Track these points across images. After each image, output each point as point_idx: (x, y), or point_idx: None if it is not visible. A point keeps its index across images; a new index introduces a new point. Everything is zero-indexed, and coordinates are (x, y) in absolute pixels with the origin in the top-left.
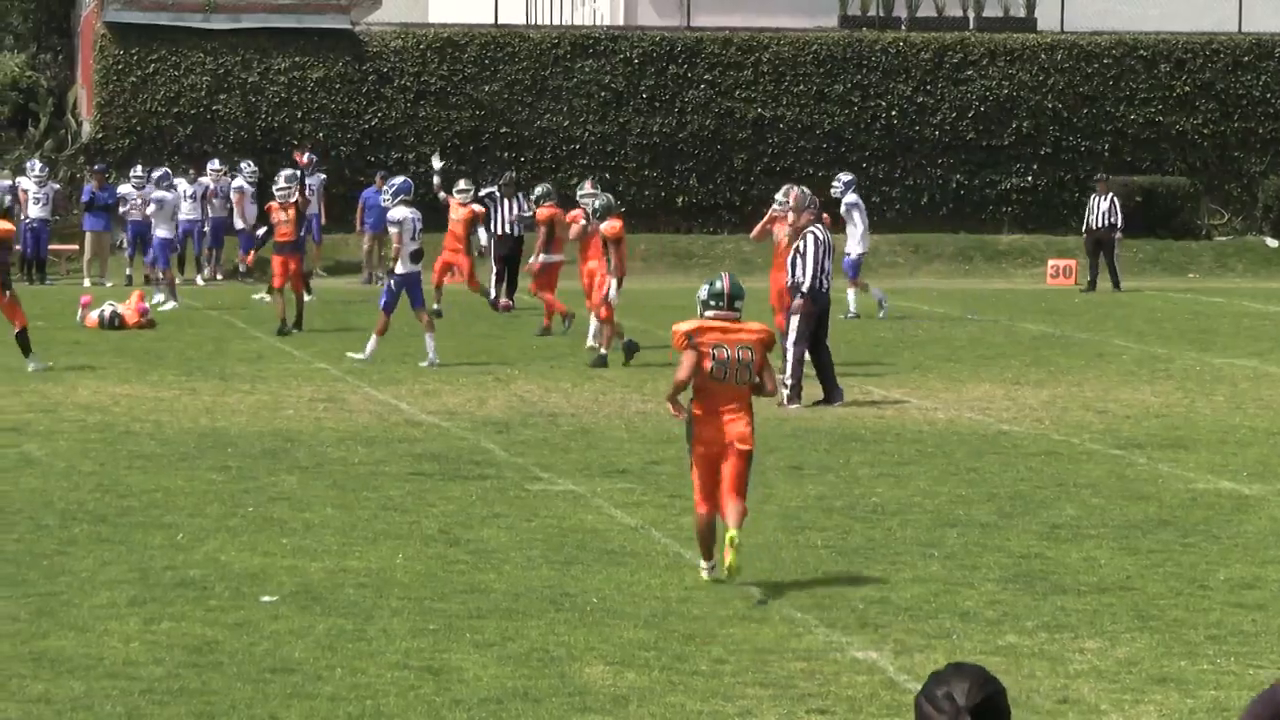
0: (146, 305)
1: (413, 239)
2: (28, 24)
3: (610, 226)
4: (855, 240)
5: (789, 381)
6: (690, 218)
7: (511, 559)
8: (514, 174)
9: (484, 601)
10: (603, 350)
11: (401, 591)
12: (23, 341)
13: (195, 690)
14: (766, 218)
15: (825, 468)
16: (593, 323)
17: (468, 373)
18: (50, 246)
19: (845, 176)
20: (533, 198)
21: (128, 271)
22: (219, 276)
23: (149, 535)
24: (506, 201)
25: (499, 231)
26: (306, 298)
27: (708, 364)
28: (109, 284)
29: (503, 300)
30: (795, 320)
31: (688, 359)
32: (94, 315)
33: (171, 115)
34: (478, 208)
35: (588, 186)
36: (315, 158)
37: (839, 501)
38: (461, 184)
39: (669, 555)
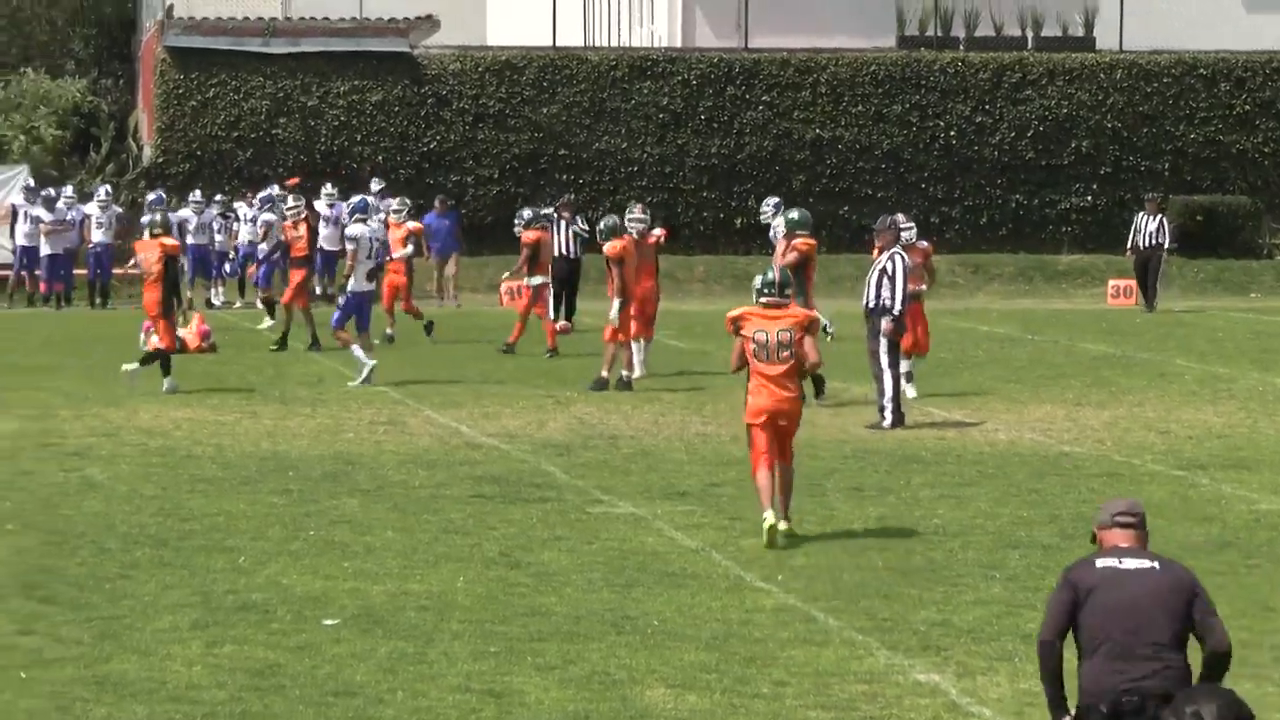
0: (208, 328)
1: (369, 257)
2: (89, 49)
3: (611, 247)
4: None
5: (887, 404)
6: (749, 239)
7: (572, 581)
8: (572, 196)
9: (545, 624)
10: (603, 373)
11: (463, 614)
12: (157, 359)
13: (257, 714)
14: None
15: (886, 489)
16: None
17: (528, 395)
18: (113, 270)
19: (773, 199)
20: (521, 220)
21: (188, 295)
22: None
23: (211, 559)
24: (564, 224)
25: (556, 253)
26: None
27: (749, 346)
28: None
29: (560, 323)
30: (885, 344)
31: (736, 345)
32: (156, 339)
33: (232, 139)
34: (413, 225)
35: (637, 211)
36: (383, 183)
37: (900, 523)
38: (394, 204)
39: (730, 578)
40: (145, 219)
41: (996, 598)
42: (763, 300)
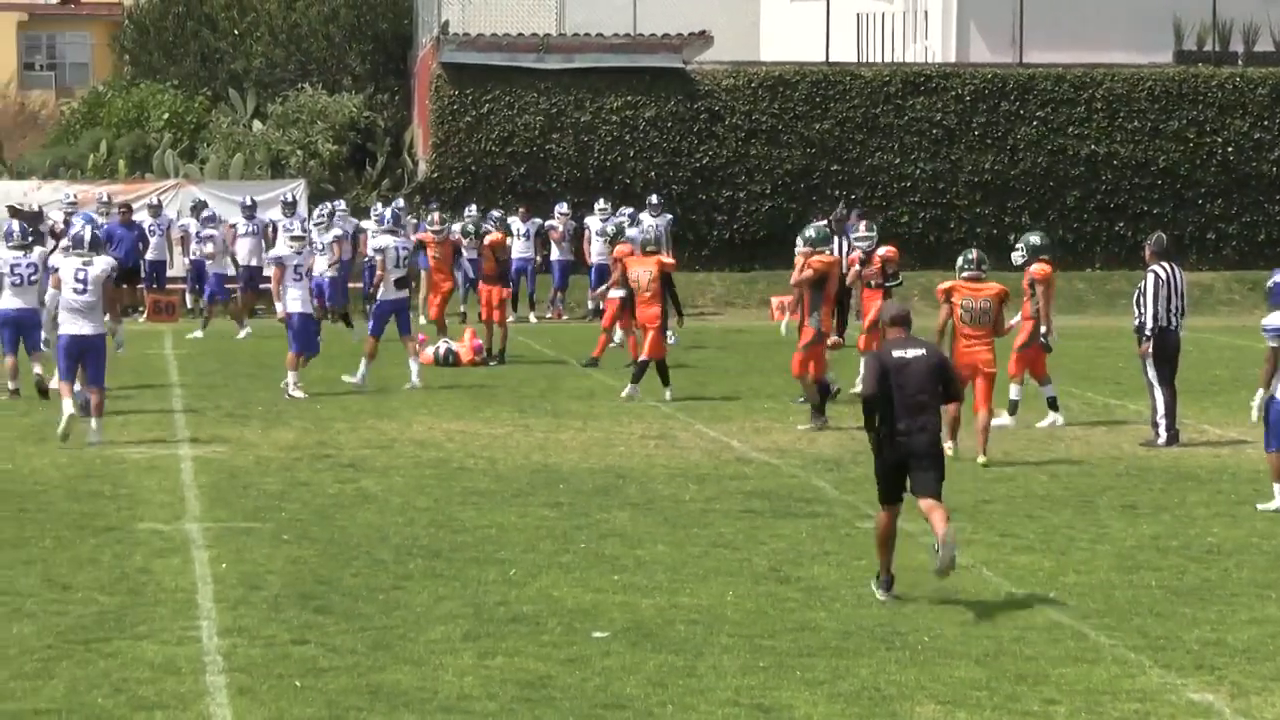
0: (481, 343)
1: (396, 266)
2: (365, 65)
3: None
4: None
5: (1160, 420)
6: None
7: (841, 597)
8: (845, 211)
9: (814, 639)
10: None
11: (732, 629)
12: (662, 371)
13: None
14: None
15: (1160, 507)
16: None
17: (799, 410)
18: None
19: (627, 210)
20: (607, 238)
21: (461, 309)
22: (563, 316)
23: (482, 570)
24: (838, 239)
25: None
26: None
27: (959, 311)
28: None
29: (832, 338)
30: (1149, 363)
31: (944, 310)
32: (429, 353)
33: (505, 155)
34: (421, 235)
35: (861, 229)
36: (659, 200)
37: (1174, 541)
38: (434, 218)
39: (1000, 594)
40: (640, 238)
41: (1272, 617)
42: (965, 275)
